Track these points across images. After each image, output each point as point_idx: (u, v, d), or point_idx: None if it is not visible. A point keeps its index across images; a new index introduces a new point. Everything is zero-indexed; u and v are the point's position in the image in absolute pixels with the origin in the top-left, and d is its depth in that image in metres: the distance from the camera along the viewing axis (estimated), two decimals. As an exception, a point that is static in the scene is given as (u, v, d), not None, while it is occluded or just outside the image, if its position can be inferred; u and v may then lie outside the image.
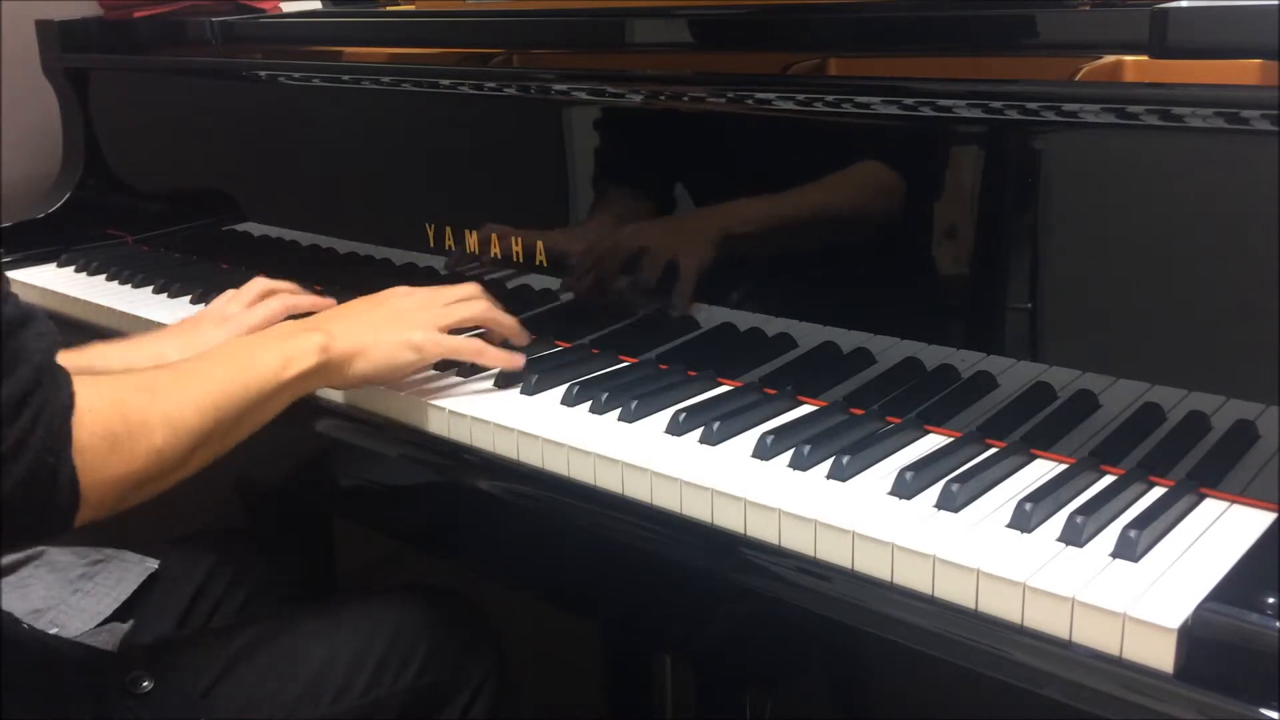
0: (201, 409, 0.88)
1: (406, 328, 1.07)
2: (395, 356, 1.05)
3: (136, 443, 0.81)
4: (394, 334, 1.06)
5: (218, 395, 0.90)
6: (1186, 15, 0.82)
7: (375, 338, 1.05)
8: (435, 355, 1.08)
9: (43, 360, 0.76)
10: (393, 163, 1.41)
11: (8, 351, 0.74)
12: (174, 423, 0.85)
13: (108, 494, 0.80)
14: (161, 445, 0.83)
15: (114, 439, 0.79)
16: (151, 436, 0.82)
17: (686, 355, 1.15)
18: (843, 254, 1.06)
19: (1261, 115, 0.79)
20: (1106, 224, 0.89)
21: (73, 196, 1.81)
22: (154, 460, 0.83)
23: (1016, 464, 0.92)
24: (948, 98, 0.93)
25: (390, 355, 1.05)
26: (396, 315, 1.08)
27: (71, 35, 1.79)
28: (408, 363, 1.06)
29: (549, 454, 1.00)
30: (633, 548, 0.94)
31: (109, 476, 0.79)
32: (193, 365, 0.94)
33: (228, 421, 0.91)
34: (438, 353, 1.07)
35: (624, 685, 1.52)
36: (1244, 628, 0.68)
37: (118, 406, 0.81)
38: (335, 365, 1.02)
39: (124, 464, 0.80)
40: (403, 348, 1.06)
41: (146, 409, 0.83)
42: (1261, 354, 0.82)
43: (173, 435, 0.84)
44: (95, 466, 0.78)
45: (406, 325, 1.07)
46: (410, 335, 1.06)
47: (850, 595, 0.82)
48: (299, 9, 1.74)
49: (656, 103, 1.12)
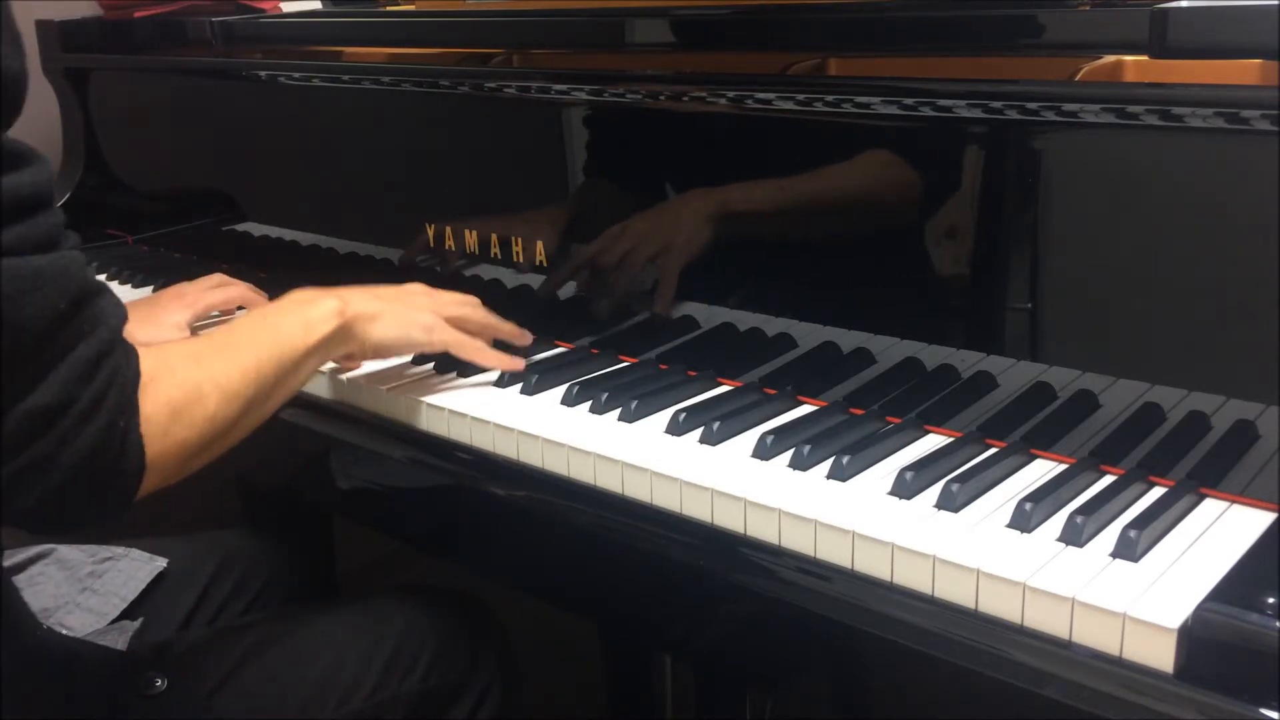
0: (245, 374, 0.90)
1: (417, 309, 1.10)
2: (408, 329, 1.08)
3: (194, 411, 0.83)
4: (406, 311, 1.09)
5: (256, 360, 0.92)
6: (1186, 15, 0.82)
7: (390, 309, 1.07)
8: (441, 343, 1.09)
9: (116, 327, 0.78)
10: (393, 163, 1.41)
11: (88, 314, 0.76)
12: (224, 389, 0.87)
13: (171, 461, 0.82)
14: (214, 411, 0.85)
15: (175, 408, 0.82)
16: (206, 404, 0.85)
17: (686, 355, 1.15)
18: (843, 254, 1.06)
19: (1261, 115, 0.79)
20: (1106, 224, 0.89)
21: (73, 196, 1.81)
22: (209, 427, 0.85)
23: (1016, 464, 0.92)
24: (948, 98, 0.93)
25: (404, 326, 1.08)
26: (406, 296, 1.11)
27: (71, 35, 1.79)
28: (418, 340, 1.09)
29: (549, 454, 1.00)
30: (633, 548, 0.94)
31: (172, 444, 0.81)
32: (225, 335, 0.95)
33: (268, 386, 0.93)
34: (444, 340, 1.09)
35: (624, 685, 1.51)
36: (1244, 628, 0.68)
37: (174, 377, 0.83)
38: (352, 328, 1.04)
39: (184, 431, 0.82)
40: (414, 325, 1.08)
41: (199, 378, 0.85)
42: (1261, 354, 0.82)
43: (224, 401, 0.86)
44: (159, 435, 0.80)
45: (417, 307, 1.10)
46: (421, 316, 1.09)
47: (850, 595, 0.82)
48: (299, 9, 1.74)
49: (656, 103, 1.12)
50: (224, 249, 1.66)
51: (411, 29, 1.39)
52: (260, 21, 1.60)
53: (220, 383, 0.87)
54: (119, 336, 0.79)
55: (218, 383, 0.87)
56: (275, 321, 0.99)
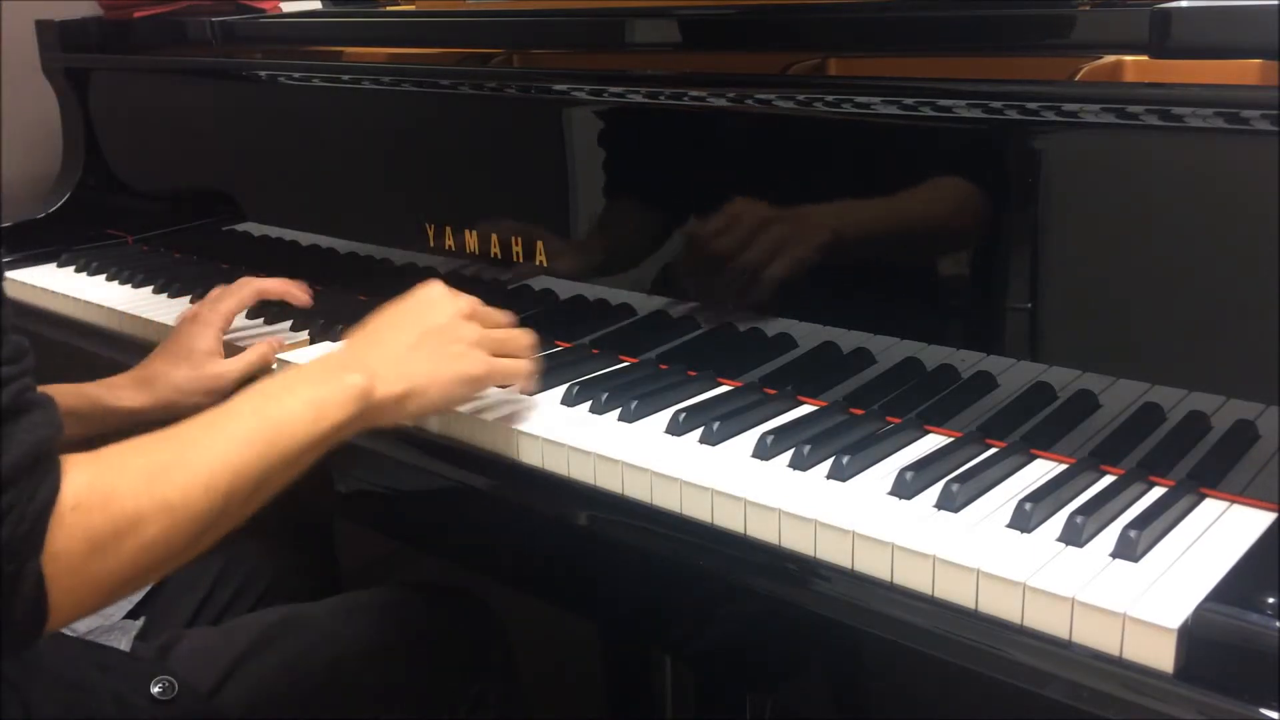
0: (212, 488, 0.77)
1: (455, 360, 0.97)
2: (451, 394, 0.97)
3: (123, 541, 0.71)
4: (444, 369, 0.96)
5: (234, 468, 0.79)
6: (1186, 15, 0.82)
7: (426, 375, 0.94)
8: (491, 384, 1.00)
9: (21, 458, 0.66)
10: (393, 163, 1.41)
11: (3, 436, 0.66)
12: (174, 510, 0.74)
13: (87, 598, 0.71)
14: (155, 537, 0.73)
15: (96, 541, 0.69)
16: (143, 532, 0.72)
17: (686, 355, 1.15)
18: (842, 254, 1.06)
19: (1261, 115, 0.79)
20: (1107, 224, 0.89)
21: (73, 196, 1.81)
22: (144, 556, 0.73)
23: (1016, 464, 0.92)
24: (948, 98, 0.93)
25: (446, 395, 0.96)
26: (443, 344, 0.97)
27: (71, 35, 1.79)
28: (460, 398, 0.99)
29: (549, 454, 1.00)
30: (633, 548, 0.94)
31: (86, 581, 0.70)
32: (205, 430, 0.81)
33: (246, 491, 0.80)
34: (490, 384, 1.00)
35: (624, 685, 1.52)
36: (1244, 628, 0.68)
37: (107, 502, 0.71)
38: (380, 409, 0.91)
39: (107, 567, 0.70)
40: (455, 383, 0.96)
41: (140, 498, 0.72)
42: (1261, 354, 0.82)
43: (171, 525, 0.74)
44: (70, 572, 0.68)
45: (456, 356, 0.97)
46: (461, 367, 0.97)
47: (850, 595, 0.82)
48: (299, 9, 1.74)
49: (656, 103, 1.12)
50: (224, 249, 1.66)
51: (411, 29, 1.39)
52: (260, 21, 1.60)
53: (172, 502, 0.74)
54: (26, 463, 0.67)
55: (167, 503, 0.73)
56: (280, 406, 0.85)
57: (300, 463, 0.85)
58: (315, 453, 0.87)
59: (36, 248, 1.73)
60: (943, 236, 1.00)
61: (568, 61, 1.20)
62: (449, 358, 0.96)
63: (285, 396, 0.86)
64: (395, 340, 0.96)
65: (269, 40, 1.55)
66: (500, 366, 1.00)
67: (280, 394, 0.86)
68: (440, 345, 0.97)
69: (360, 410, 0.89)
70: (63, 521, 0.68)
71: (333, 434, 0.87)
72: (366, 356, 0.94)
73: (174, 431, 0.79)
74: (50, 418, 0.70)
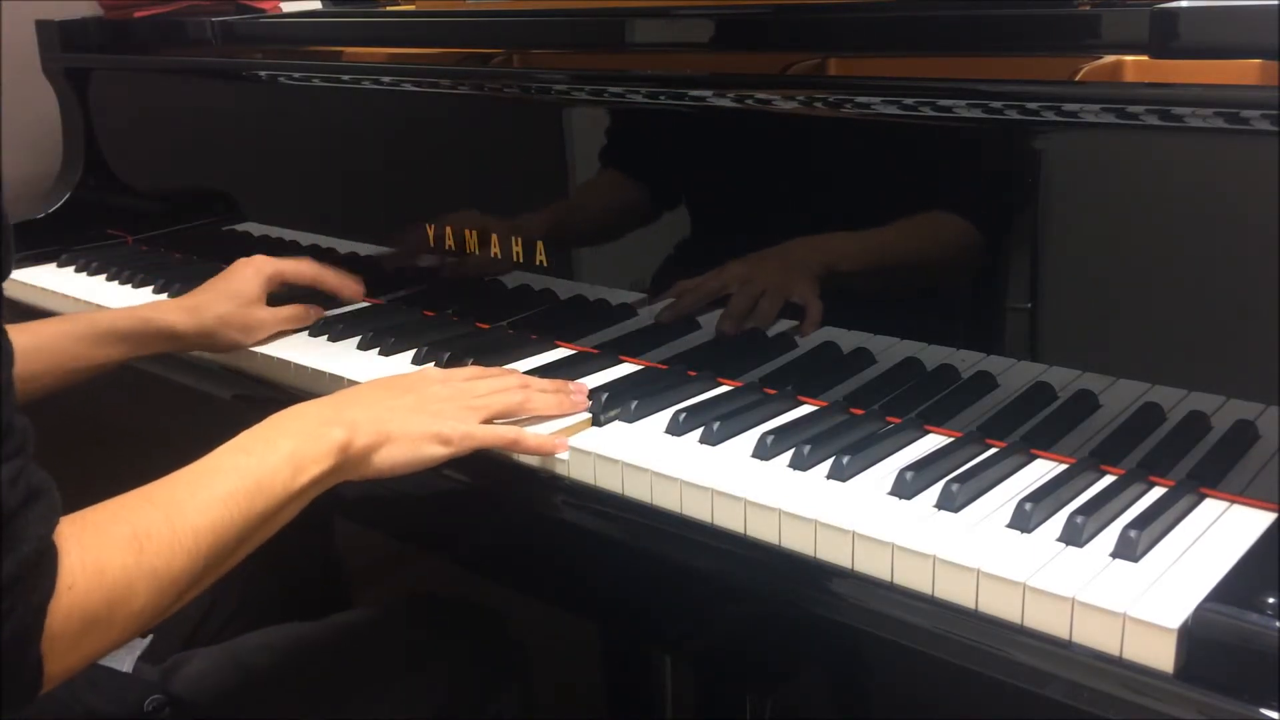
0: (194, 551, 0.78)
1: (435, 417, 0.96)
2: (420, 450, 0.95)
3: (116, 614, 0.73)
4: (421, 424, 0.95)
5: (215, 527, 0.80)
6: (1187, 15, 0.82)
7: (401, 427, 0.94)
8: (466, 449, 0.97)
9: (30, 553, 0.68)
10: (393, 163, 1.41)
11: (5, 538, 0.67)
12: (160, 577, 0.75)
13: (76, 666, 0.73)
14: (144, 606, 0.75)
15: (92, 618, 0.71)
16: (134, 601, 0.74)
17: (686, 355, 1.14)
18: (842, 254, 1.06)
19: (1261, 115, 0.79)
20: (1106, 224, 0.89)
21: (73, 196, 1.81)
22: (132, 625, 0.75)
23: (1016, 464, 0.92)
24: (948, 98, 0.93)
25: (414, 449, 0.95)
26: (426, 403, 0.98)
27: (71, 35, 1.79)
28: (434, 456, 0.96)
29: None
30: (633, 548, 0.94)
31: (81, 652, 0.72)
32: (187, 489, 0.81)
33: (228, 549, 0.81)
34: (468, 448, 0.97)
35: (624, 685, 1.52)
36: (1244, 628, 0.68)
37: (99, 578, 0.72)
38: (354, 462, 0.92)
39: (100, 640, 0.73)
40: (429, 440, 0.95)
41: (131, 571, 0.74)
42: (1261, 354, 0.82)
43: (158, 592, 0.75)
44: (67, 650, 0.70)
45: (435, 415, 0.97)
46: (439, 426, 0.96)
47: (850, 595, 0.82)
48: (299, 9, 1.74)
49: (656, 103, 1.12)
50: (224, 249, 1.65)
51: (411, 29, 1.39)
52: (260, 21, 1.60)
53: (159, 570, 0.75)
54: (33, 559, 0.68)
55: (155, 571, 0.75)
56: (260, 462, 0.85)
57: (280, 517, 0.86)
58: (295, 506, 0.87)
59: (37, 248, 1.72)
60: (943, 237, 1.00)
61: (568, 61, 1.20)
62: (426, 415, 0.97)
63: (266, 453, 0.86)
64: (377, 397, 0.98)
65: (269, 40, 1.55)
66: (481, 434, 0.98)
67: (261, 450, 0.86)
68: (421, 404, 0.98)
69: (338, 463, 0.89)
70: (59, 603, 0.69)
71: (311, 488, 0.88)
72: (347, 410, 0.94)
73: (156, 493, 0.80)
74: (52, 504, 0.71)
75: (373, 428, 0.93)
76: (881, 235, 1.04)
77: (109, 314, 1.24)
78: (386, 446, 0.93)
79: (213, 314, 1.25)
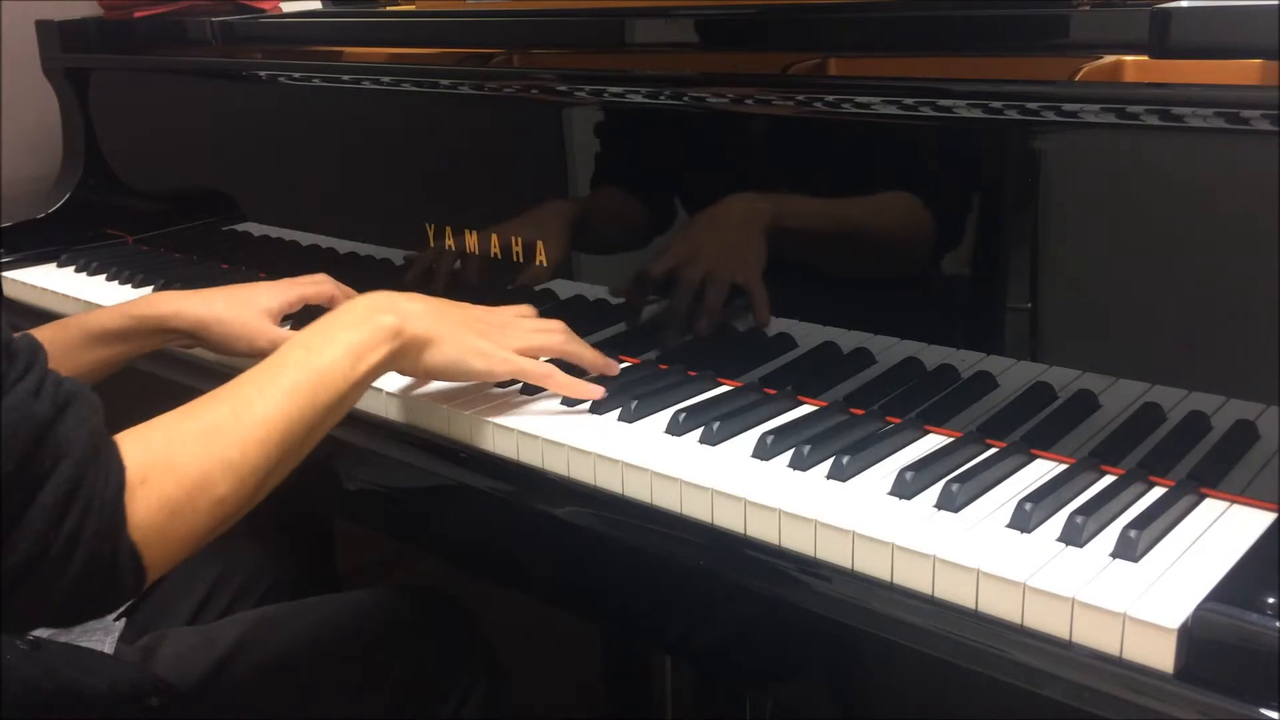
0: (266, 440, 0.82)
1: (481, 336, 1.02)
2: (465, 358, 1.01)
3: (197, 501, 0.77)
4: (467, 337, 1.01)
5: (285, 420, 0.84)
6: (1187, 15, 0.82)
7: (450, 333, 1.00)
8: (503, 373, 1.03)
9: (84, 451, 0.71)
10: (393, 163, 1.41)
11: (48, 451, 0.70)
12: (237, 467, 0.80)
13: (175, 552, 0.77)
14: (225, 494, 0.79)
15: (173, 506, 0.75)
16: (214, 490, 0.78)
17: (687, 355, 1.14)
18: (842, 254, 1.06)
19: (1261, 115, 0.79)
20: (1106, 224, 0.89)
21: (73, 196, 1.81)
22: (219, 511, 0.79)
23: (1016, 464, 0.92)
24: (947, 98, 0.93)
25: (461, 354, 1.00)
26: (472, 321, 1.04)
27: (71, 35, 1.79)
28: (475, 370, 1.01)
29: (549, 454, 1.00)
30: (632, 548, 0.94)
31: (174, 540, 0.76)
32: (255, 387, 0.85)
33: (296, 443, 0.85)
34: (506, 370, 1.02)
35: (624, 685, 1.52)
36: (1244, 628, 0.68)
37: (172, 470, 0.76)
38: (407, 350, 0.97)
39: (187, 525, 0.77)
40: (474, 353, 1.01)
41: (203, 461, 0.78)
42: (1261, 354, 0.82)
43: (237, 481, 0.80)
44: (158, 537, 0.74)
45: (480, 334, 1.02)
46: (483, 344, 1.01)
47: (850, 595, 0.82)
48: (299, 9, 1.74)
49: (656, 103, 1.12)
50: (224, 249, 1.66)
51: (411, 29, 1.39)
52: (260, 21, 1.60)
53: (233, 460, 0.80)
54: (89, 456, 0.72)
55: (229, 461, 0.79)
56: (320, 355, 0.90)
57: (345, 405, 0.91)
58: (356, 393, 0.93)
59: (37, 248, 1.73)
60: (943, 236, 1.00)
61: (568, 61, 1.20)
62: (473, 332, 1.02)
63: (325, 346, 0.91)
64: (430, 305, 1.02)
65: (269, 40, 1.55)
66: (519, 361, 1.03)
67: (321, 345, 0.91)
68: (468, 322, 1.03)
69: (392, 350, 0.95)
70: (135, 495, 0.73)
71: (369, 375, 0.93)
72: (401, 302, 0.99)
73: (223, 393, 0.85)
74: (91, 402, 0.75)
75: (424, 323, 0.98)
76: (881, 235, 1.04)
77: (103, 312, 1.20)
78: (435, 346, 0.99)
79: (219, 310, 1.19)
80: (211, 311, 1.19)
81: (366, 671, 1.10)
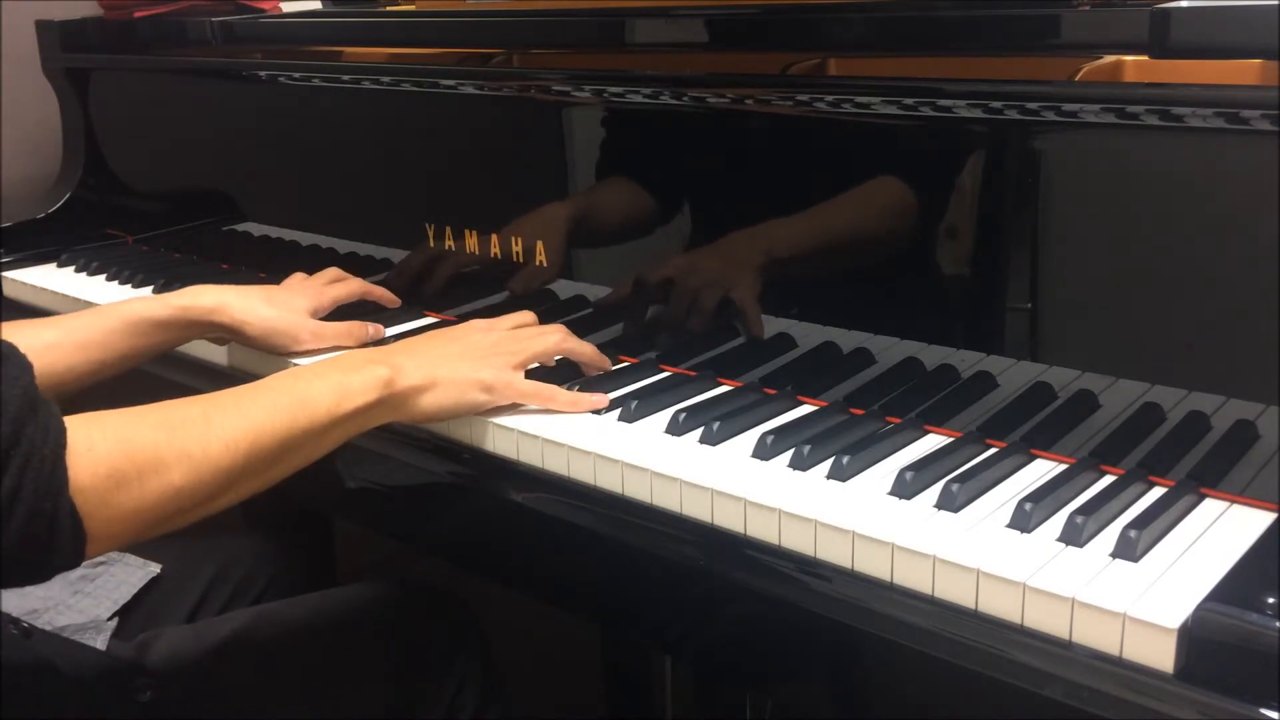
0: (233, 445, 0.84)
1: (479, 366, 1.02)
2: (465, 395, 1.01)
3: (147, 480, 0.78)
4: (466, 371, 1.01)
5: (256, 431, 0.86)
6: (1186, 15, 0.82)
7: (447, 373, 1.00)
8: (507, 398, 1.03)
9: (19, 409, 0.73)
10: (393, 163, 1.41)
11: None
12: (195, 460, 0.81)
13: (118, 529, 0.78)
14: (181, 483, 0.80)
15: (119, 477, 0.77)
16: (167, 474, 0.80)
17: (686, 355, 1.14)
18: (842, 254, 1.06)
19: (1261, 115, 0.79)
20: (1106, 224, 0.89)
21: (73, 196, 1.81)
22: (171, 498, 0.80)
23: (1016, 464, 0.92)
24: (948, 98, 0.93)
25: (460, 393, 1.01)
26: (469, 351, 1.04)
27: (71, 35, 1.79)
28: (477, 402, 1.02)
29: (549, 454, 1.00)
30: (633, 548, 0.94)
31: (117, 513, 0.77)
32: (232, 397, 0.88)
33: (266, 457, 0.87)
34: (510, 396, 1.03)
35: (624, 685, 1.52)
36: (1244, 628, 0.68)
37: (123, 444, 0.78)
38: (400, 400, 0.97)
39: (133, 500, 0.78)
40: (474, 386, 1.01)
41: (160, 446, 0.80)
42: (1261, 354, 0.82)
43: (194, 473, 0.81)
44: (100, 504, 0.76)
45: (480, 363, 1.02)
46: (482, 374, 1.01)
47: (850, 595, 0.82)
48: (299, 9, 1.74)
49: (656, 103, 1.12)
50: (224, 249, 1.66)
51: (411, 29, 1.39)
52: (260, 21, 1.60)
53: (192, 453, 0.81)
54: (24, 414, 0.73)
55: (187, 452, 0.81)
56: (306, 384, 0.92)
57: (324, 440, 0.92)
58: (339, 432, 0.93)
59: (37, 248, 1.72)
60: (943, 236, 1.00)
61: (568, 61, 1.20)
62: (471, 363, 1.02)
63: (315, 379, 0.93)
64: (428, 346, 1.04)
65: (269, 40, 1.55)
66: (521, 387, 1.03)
67: (311, 376, 0.93)
68: (466, 352, 1.03)
69: (381, 398, 0.95)
70: (79, 460, 0.75)
71: (355, 417, 0.94)
72: (396, 354, 1.00)
73: (200, 397, 0.87)
74: (20, 361, 0.76)
75: (419, 373, 0.98)
76: (881, 235, 1.04)
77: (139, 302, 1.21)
78: (433, 391, 0.99)
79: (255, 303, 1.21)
80: (252, 306, 1.20)
81: (358, 665, 1.11)
